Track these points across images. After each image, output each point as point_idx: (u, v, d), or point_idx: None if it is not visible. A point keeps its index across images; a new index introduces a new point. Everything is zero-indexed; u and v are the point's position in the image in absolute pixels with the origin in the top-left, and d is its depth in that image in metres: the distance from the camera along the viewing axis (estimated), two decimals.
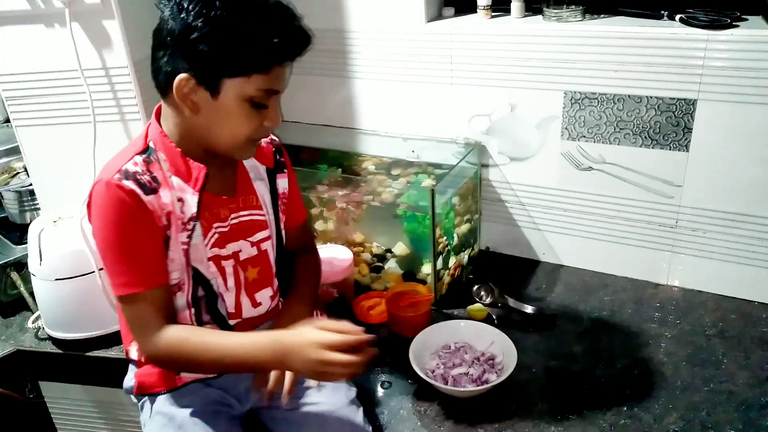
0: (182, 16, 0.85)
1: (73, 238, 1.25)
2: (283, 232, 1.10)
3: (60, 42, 1.23)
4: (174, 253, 0.94)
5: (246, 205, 1.03)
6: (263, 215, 1.04)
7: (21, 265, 1.44)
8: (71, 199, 1.32)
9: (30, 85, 1.29)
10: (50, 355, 1.34)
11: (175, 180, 0.93)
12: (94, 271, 1.25)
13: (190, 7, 0.84)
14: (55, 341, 1.34)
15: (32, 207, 1.57)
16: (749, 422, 1.03)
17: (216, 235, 0.98)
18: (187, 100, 0.89)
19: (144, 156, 0.93)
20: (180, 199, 0.93)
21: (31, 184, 1.48)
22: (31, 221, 1.37)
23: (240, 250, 1.02)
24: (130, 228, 0.90)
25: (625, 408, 1.08)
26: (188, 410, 0.98)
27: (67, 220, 1.31)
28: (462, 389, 1.09)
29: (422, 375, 1.09)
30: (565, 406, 1.09)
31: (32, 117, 1.32)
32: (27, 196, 1.57)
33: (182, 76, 0.87)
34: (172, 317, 0.96)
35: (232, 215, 1.01)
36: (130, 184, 0.89)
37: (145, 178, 0.91)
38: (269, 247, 1.06)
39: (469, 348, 1.18)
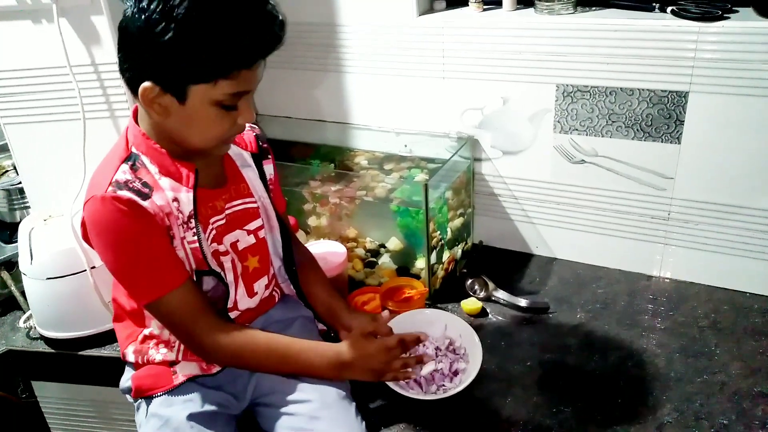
0: (143, 16, 0.80)
1: (63, 237, 1.24)
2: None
3: (48, 38, 1.22)
4: (179, 252, 0.93)
5: (238, 194, 1.02)
6: (255, 203, 1.04)
7: (11, 264, 1.43)
8: (61, 197, 1.30)
9: (18, 82, 1.28)
10: (42, 354, 1.33)
11: (166, 181, 0.92)
12: (85, 270, 1.24)
13: (152, 6, 0.79)
14: (47, 341, 1.33)
15: (22, 205, 1.56)
16: (742, 412, 1.04)
17: (213, 231, 0.98)
18: (154, 105, 0.86)
19: (129, 163, 0.91)
20: (175, 199, 0.92)
21: (20, 182, 1.47)
22: (21, 220, 1.36)
23: (238, 240, 1.01)
24: (136, 235, 0.89)
25: (620, 400, 1.08)
26: (184, 413, 0.97)
27: (57, 219, 1.30)
28: (443, 395, 1.05)
29: (401, 392, 1.05)
30: (559, 398, 1.09)
31: (21, 114, 1.31)
32: (16, 195, 1.55)
33: (146, 84, 0.84)
34: (210, 307, 0.95)
35: (227, 205, 1.00)
36: (126, 194, 0.87)
37: (137, 185, 0.89)
38: (266, 234, 1.06)
39: (427, 339, 1.13)
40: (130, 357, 1.03)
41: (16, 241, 1.31)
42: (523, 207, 1.50)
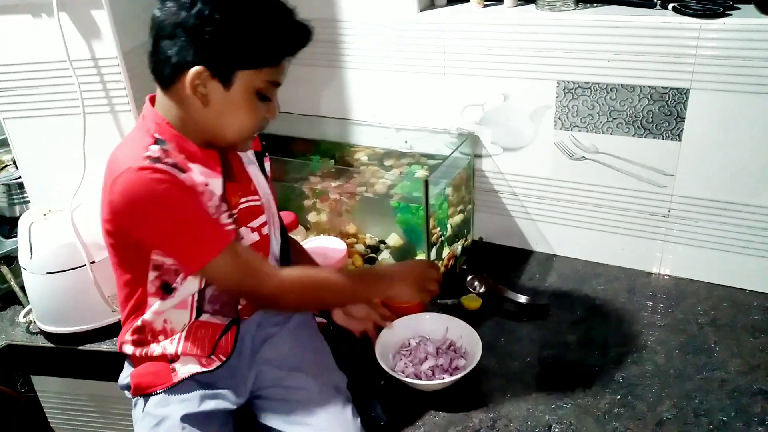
0: (197, 7, 0.84)
1: (63, 231, 1.24)
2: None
3: (48, 32, 1.21)
4: None
5: (245, 191, 1.02)
6: (259, 200, 1.04)
7: (11, 259, 1.43)
8: (61, 192, 1.30)
9: (18, 77, 1.27)
10: (42, 349, 1.33)
11: (195, 167, 0.92)
12: (85, 265, 1.24)
13: None
14: (47, 335, 1.33)
15: (22, 200, 1.56)
16: (741, 409, 1.04)
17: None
18: (197, 92, 0.88)
19: (158, 146, 0.90)
20: (206, 184, 0.92)
21: (20, 177, 1.46)
22: (20, 214, 1.36)
23: (242, 238, 1.01)
24: (178, 201, 0.88)
25: (619, 397, 1.08)
26: (179, 414, 0.97)
27: (57, 213, 1.29)
28: (439, 381, 1.09)
29: (403, 378, 1.09)
30: (559, 394, 1.09)
31: (20, 109, 1.30)
32: (16, 189, 1.55)
33: (197, 68, 0.86)
34: (259, 256, 0.99)
35: (240, 201, 1.01)
36: (162, 166, 0.87)
37: (170, 161, 0.89)
38: (268, 231, 1.06)
39: (428, 341, 1.19)
40: (128, 349, 1.01)
41: (16, 236, 1.31)
42: (523, 204, 1.50)
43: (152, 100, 0.96)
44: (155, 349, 1.00)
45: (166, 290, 0.96)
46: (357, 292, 1.05)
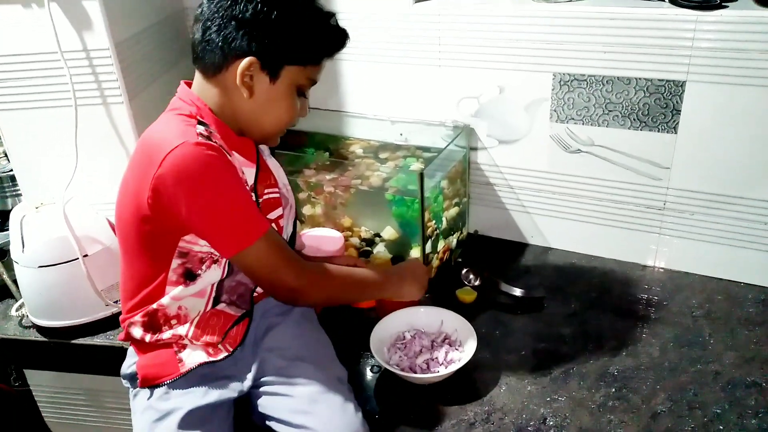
0: (255, 2, 0.89)
1: (56, 225, 1.23)
2: None
3: (38, 23, 1.20)
4: None
5: (268, 182, 1.04)
6: (278, 192, 1.05)
7: (3, 252, 1.42)
8: (53, 185, 1.29)
9: (8, 68, 1.26)
10: (35, 343, 1.33)
11: (233, 153, 0.95)
12: (78, 258, 1.23)
13: None
14: (40, 329, 1.32)
15: (13, 193, 1.54)
16: (736, 402, 1.04)
17: None
18: (245, 82, 0.92)
19: (203, 127, 0.91)
20: (242, 172, 0.95)
21: (11, 170, 1.45)
22: (12, 207, 1.34)
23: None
24: (230, 180, 0.90)
25: (614, 390, 1.08)
26: (181, 409, 0.96)
27: (49, 206, 1.28)
28: (434, 374, 1.09)
29: (398, 372, 1.09)
30: (553, 388, 1.09)
31: (11, 101, 1.29)
32: (8, 182, 1.54)
33: (250, 59, 0.90)
34: (291, 248, 1.02)
35: (264, 191, 1.02)
36: (215, 144, 0.89)
37: (217, 143, 0.90)
38: (286, 223, 1.07)
39: (423, 334, 1.19)
40: (136, 332, 0.99)
41: (8, 229, 1.30)
42: (519, 196, 1.49)
43: (188, 85, 0.98)
44: (166, 333, 0.99)
45: (189, 278, 0.96)
46: (380, 288, 1.10)
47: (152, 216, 0.91)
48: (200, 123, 0.92)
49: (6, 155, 1.50)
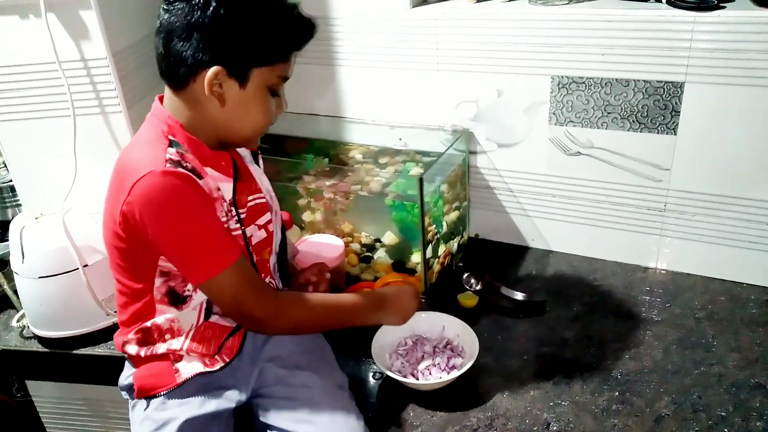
0: (211, 8, 0.85)
1: (55, 235, 1.23)
2: None
3: (36, 34, 1.20)
4: None
5: (251, 190, 1.03)
6: (264, 197, 1.05)
7: (3, 263, 1.42)
8: (53, 195, 1.29)
9: (6, 79, 1.26)
10: (36, 353, 1.32)
11: (208, 170, 0.94)
12: (77, 268, 1.23)
13: None
14: (41, 340, 1.32)
15: (13, 203, 1.54)
16: (740, 404, 1.04)
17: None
18: (214, 92, 0.90)
19: (175, 149, 0.90)
20: (218, 188, 0.94)
21: (11, 180, 1.45)
22: (12, 218, 1.34)
23: (252, 235, 1.02)
24: (198, 210, 0.89)
25: (617, 393, 1.08)
26: (179, 418, 0.96)
27: (49, 217, 1.28)
28: (436, 380, 1.09)
29: (400, 378, 1.08)
30: (556, 392, 1.09)
31: (10, 111, 1.29)
32: (7, 193, 1.54)
33: (215, 68, 0.88)
34: (261, 279, 1.00)
35: (248, 198, 1.01)
36: (183, 171, 0.87)
37: (189, 165, 0.89)
38: (275, 228, 1.07)
39: (425, 340, 1.18)
40: (131, 349, 1.00)
41: (8, 240, 1.30)
42: (519, 200, 1.49)
43: (161, 100, 0.96)
44: (160, 347, 0.99)
45: (174, 298, 0.96)
46: (358, 316, 1.06)
47: (126, 237, 0.91)
48: (172, 144, 0.91)
49: (5, 166, 1.50)
